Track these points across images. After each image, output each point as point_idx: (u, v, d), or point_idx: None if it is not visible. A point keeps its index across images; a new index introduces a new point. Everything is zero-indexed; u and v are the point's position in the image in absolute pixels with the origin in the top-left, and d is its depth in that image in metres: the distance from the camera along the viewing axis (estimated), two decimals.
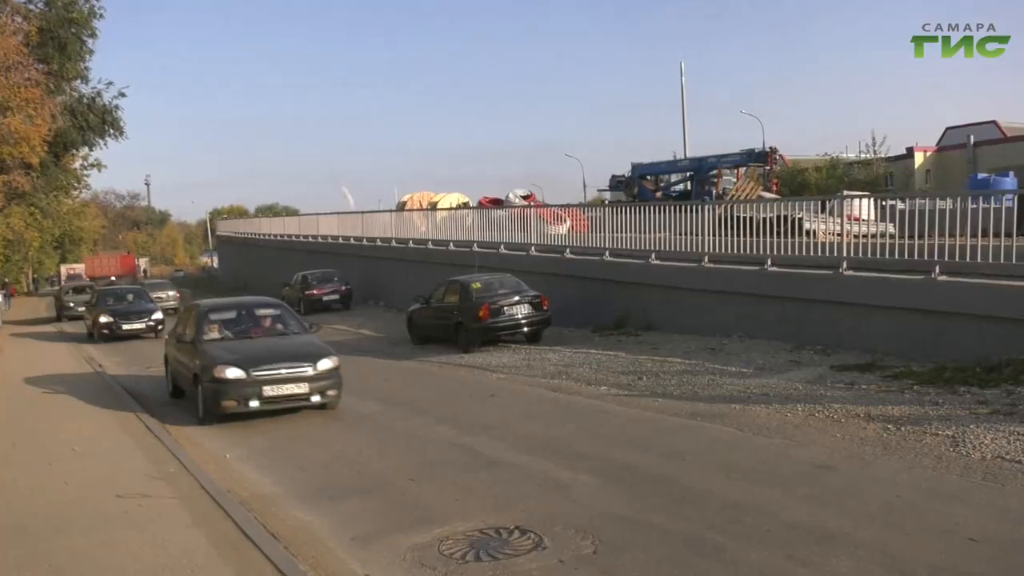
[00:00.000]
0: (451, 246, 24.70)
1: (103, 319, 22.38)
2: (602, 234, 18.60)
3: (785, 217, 14.37)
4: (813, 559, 5.04)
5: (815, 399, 9.22)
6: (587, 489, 6.76)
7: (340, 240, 34.06)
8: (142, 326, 22.76)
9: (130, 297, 24.87)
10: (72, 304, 32.41)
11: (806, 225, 14.56)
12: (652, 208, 17.33)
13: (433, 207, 33.07)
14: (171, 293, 34.41)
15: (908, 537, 5.28)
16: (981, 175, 26.96)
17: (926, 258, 11.16)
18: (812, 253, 13.41)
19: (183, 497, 7.06)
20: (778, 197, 25.06)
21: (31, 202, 30.80)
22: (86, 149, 30.36)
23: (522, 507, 6.32)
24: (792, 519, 5.72)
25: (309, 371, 10.33)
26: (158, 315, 22.98)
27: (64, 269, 71.02)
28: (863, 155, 48.51)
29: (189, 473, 7.85)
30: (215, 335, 11.35)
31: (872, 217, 14.39)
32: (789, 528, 5.57)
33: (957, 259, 10.80)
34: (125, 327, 22.49)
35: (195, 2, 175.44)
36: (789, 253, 13.67)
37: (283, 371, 10.22)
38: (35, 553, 5.85)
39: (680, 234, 15.99)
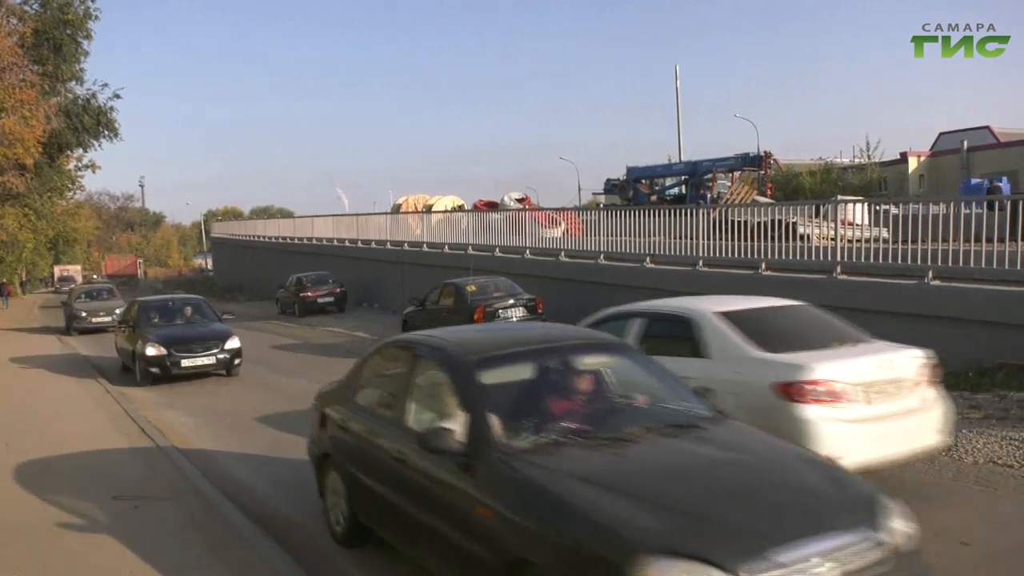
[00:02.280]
0: (446, 249, 24.73)
1: (151, 351, 14.40)
2: (597, 237, 18.68)
3: (779, 221, 14.42)
4: None
5: None
6: None
7: (335, 242, 34.09)
8: (211, 360, 14.69)
9: (187, 312, 16.47)
10: (84, 314, 25.70)
11: (800, 229, 14.61)
12: (647, 212, 17.39)
13: (428, 210, 33.14)
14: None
15: None
16: (975, 180, 27.18)
17: (919, 263, 11.23)
18: (806, 257, 13.46)
19: (178, 496, 7.05)
20: (772, 201, 25.15)
21: (25, 203, 30.55)
22: (80, 150, 30.38)
23: None
24: None
25: (871, 549, 3.52)
26: (234, 342, 14.96)
27: (57, 270, 70.65)
28: (857, 160, 48.82)
29: (184, 474, 7.84)
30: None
31: (866, 222, 14.46)
32: None
33: (950, 264, 10.87)
34: (186, 363, 14.49)
35: (190, 4, 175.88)
36: (783, 257, 13.73)
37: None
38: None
39: (675, 238, 16.04)
